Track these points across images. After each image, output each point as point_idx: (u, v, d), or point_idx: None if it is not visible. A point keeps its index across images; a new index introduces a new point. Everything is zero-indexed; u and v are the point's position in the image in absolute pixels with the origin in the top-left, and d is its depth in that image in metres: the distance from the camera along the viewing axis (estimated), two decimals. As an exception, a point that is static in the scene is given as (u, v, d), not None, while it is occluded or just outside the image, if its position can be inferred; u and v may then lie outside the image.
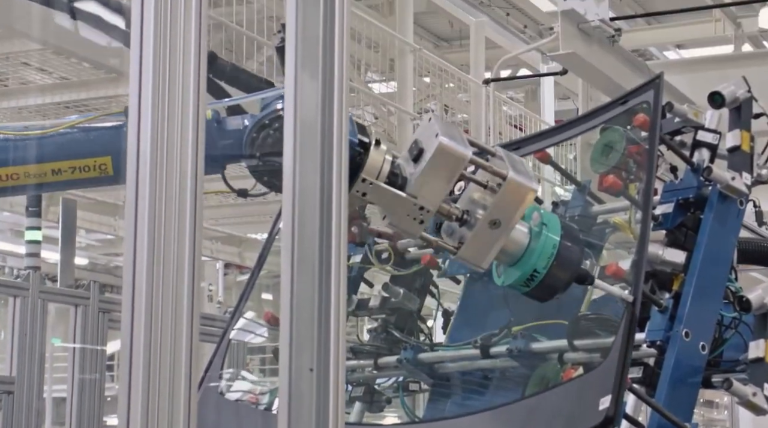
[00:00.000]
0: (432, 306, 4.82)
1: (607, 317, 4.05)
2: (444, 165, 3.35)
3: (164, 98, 2.48)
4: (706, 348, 3.86)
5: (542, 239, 3.50)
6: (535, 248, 3.50)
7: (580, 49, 7.87)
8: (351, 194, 3.34)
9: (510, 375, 4.27)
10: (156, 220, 2.44)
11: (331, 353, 2.62)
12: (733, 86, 4.14)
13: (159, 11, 2.47)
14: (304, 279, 2.64)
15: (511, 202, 3.40)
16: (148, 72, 2.47)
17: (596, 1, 7.91)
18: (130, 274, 2.44)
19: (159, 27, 2.48)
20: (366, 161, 3.38)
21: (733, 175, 4.01)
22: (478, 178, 3.46)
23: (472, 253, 3.44)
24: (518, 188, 3.39)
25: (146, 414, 2.35)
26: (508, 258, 3.52)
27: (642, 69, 8.65)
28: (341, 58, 2.70)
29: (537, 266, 3.50)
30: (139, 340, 2.41)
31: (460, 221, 3.44)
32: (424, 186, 3.37)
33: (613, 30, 8.05)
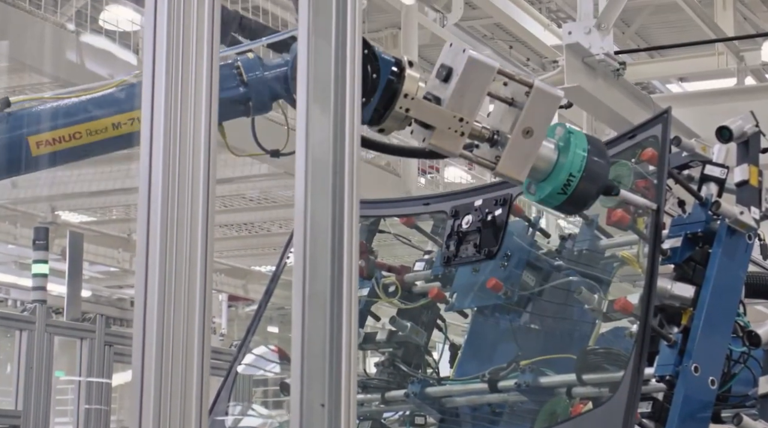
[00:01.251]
0: (437, 340, 4.82)
1: (615, 351, 4.05)
2: (476, 77, 3.50)
3: (176, 128, 2.48)
4: (716, 382, 3.85)
5: (572, 147, 3.64)
6: (567, 155, 3.64)
7: (585, 83, 7.89)
8: (395, 113, 3.55)
9: (518, 409, 4.26)
10: (167, 251, 2.44)
11: (343, 388, 2.61)
12: (741, 121, 4.15)
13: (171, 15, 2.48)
14: (316, 314, 2.63)
15: (541, 108, 3.55)
16: (160, 111, 2.47)
17: (601, 35, 7.94)
18: (141, 308, 2.43)
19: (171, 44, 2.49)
20: (405, 78, 3.58)
21: (741, 209, 4.01)
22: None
23: (509, 165, 3.55)
24: (545, 95, 3.55)
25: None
26: (541, 174, 3.65)
27: (646, 102, 8.66)
28: (353, 92, 2.70)
29: (572, 170, 3.64)
30: (150, 373, 2.40)
31: (491, 141, 3.56)
32: (461, 99, 3.50)
33: (618, 64, 8.07)
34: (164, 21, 2.49)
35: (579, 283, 4.23)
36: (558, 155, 3.65)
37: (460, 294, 4.49)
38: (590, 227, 4.37)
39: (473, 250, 4.37)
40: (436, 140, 3.54)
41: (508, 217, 4.33)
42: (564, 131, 3.71)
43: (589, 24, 7.94)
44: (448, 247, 4.45)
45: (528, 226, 4.48)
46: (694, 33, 17.11)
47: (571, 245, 4.38)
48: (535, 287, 4.36)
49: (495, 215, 4.34)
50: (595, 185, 3.69)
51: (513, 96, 3.56)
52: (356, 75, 2.73)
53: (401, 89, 3.57)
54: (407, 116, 3.56)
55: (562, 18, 18.33)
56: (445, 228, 4.67)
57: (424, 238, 4.95)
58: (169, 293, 2.43)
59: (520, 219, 4.47)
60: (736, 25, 17.14)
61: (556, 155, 3.65)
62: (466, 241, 4.40)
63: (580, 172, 3.64)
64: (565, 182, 3.64)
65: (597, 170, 3.68)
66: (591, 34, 7.91)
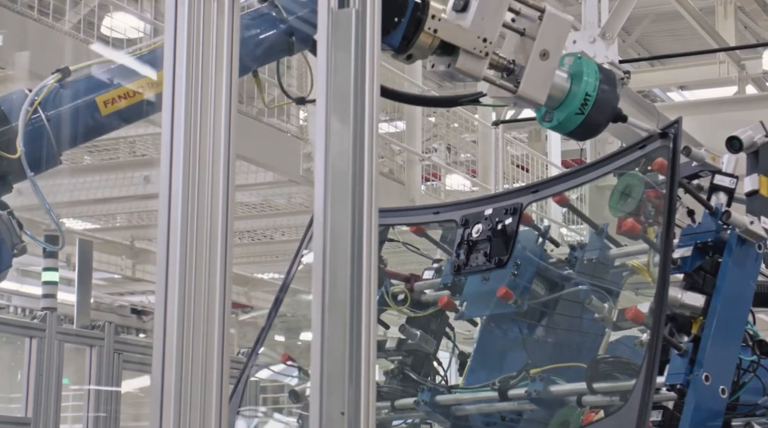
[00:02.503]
0: (444, 349, 4.84)
1: (625, 360, 4.06)
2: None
3: (196, 141, 2.50)
4: (726, 391, 3.87)
5: (585, 70, 3.87)
6: (582, 78, 3.85)
7: (590, 92, 7.90)
8: (424, 33, 3.65)
9: (528, 417, 4.28)
10: (187, 259, 2.45)
11: (362, 396, 2.63)
12: (751, 131, 4.17)
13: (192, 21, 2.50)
14: (335, 323, 2.66)
15: (554, 31, 3.75)
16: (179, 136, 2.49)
17: (606, 44, 7.96)
18: (161, 317, 2.45)
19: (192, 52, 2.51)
20: (430, 1, 3.69)
21: (751, 219, 4.04)
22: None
23: (530, 88, 3.73)
24: (557, 18, 3.77)
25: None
26: (556, 101, 3.86)
27: (651, 111, 8.68)
28: (372, 104, 2.73)
29: (588, 89, 3.85)
30: (170, 382, 2.42)
31: (508, 70, 3.74)
32: (482, 21, 3.66)
33: (623, 73, 8.08)
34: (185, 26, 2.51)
35: (589, 292, 4.25)
36: (571, 81, 3.87)
37: (470, 303, 4.51)
38: (600, 237, 4.40)
39: (483, 259, 4.39)
40: (462, 63, 3.68)
41: (519, 226, 4.35)
42: (574, 58, 3.93)
43: (594, 33, 7.97)
44: (458, 256, 4.47)
45: (538, 235, 4.50)
46: (694, 41, 17.14)
47: (581, 255, 4.40)
48: (544, 297, 4.37)
49: (505, 224, 4.36)
50: (608, 106, 3.93)
51: (525, 27, 3.75)
52: (375, 87, 2.75)
53: (428, 11, 3.66)
54: (435, 39, 3.66)
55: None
56: (454, 237, 4.69)
57: (432, 247, 4.97)
58: (189, 298, 2.45)
59: (530, 228, 4.49)
60: (737, 33, 17.17)
61: (569, 81, 3.87)
62: (477, 250, 4.42)
63: (595, 91, 3.86)
64: (582, 102, 3.87)
65: (608, 93, 3.90)
66: (596, 43, 7.93)
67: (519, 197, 4.43)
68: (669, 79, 19.04)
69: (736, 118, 9.55)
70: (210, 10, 2.51)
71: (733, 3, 16.88)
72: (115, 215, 11.60)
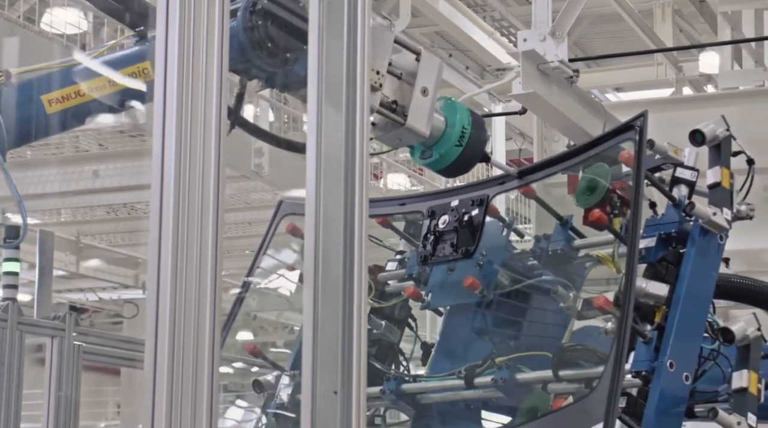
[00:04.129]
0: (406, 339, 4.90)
1: (590, 347, 4.15)
2: (380, 36, 4.09)
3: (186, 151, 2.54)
4: (690, 378, 3.98)
5: (456, 108, 4.26)
6: (455, 114, 4.23)
7: (540, 89, 8.02)
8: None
9: (493, 405, 4.35)
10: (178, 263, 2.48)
11: (354, 375, 2.69)
12: (713, 125, 4.28)
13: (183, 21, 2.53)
14: (328, 306, 2.71)
15: (431, 70, 4.14)
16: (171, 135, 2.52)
17: (555, 43, 8.07)
18: (153, 312, 2.47)
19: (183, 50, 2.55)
20: None
21: (714, 210, 4.14)
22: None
23: (416, 120, 4.10)
24: (432, 59, 4.18)
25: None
26: (434, 138, 4.20)
27: (598, 110, 8.81)
28: (363, 91, 2.79)
29: (463, 122, 4.21)
30: (162, 375, 2.44)
31: (392, 108, 4.10)
32: (372, 59, 3.92)
33: (572, 71, 8.21)
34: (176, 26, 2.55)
35: (554, 282, 4.33)
36: (446, 118, 4.22)
37: (435, 293, 4.58)
38: (565, 228, 4.48)
39: (450, 249, 4.46)
40: None
41: (485, 217, 4.43)
42: (445, 100, 4.27)
43: (544, 32, 8.08)
44: (424, 246, 4.54)
45: (503, 226, 4.57)
46: (631, 44, 17.34)
47: (546, 245, 4.48)
48: (510, 287, 4.45)
49: (472, 215, 4.44)
50: (481, 143, 4.27)
51: (401, 70, 4.12)
52: (366, 74, 2.81)
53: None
54: None
55: (505, 27, 18.53)
56: (417, 230, 4.76)
57: (396, 238, 5.03)
58: (180, 291, 2.48)
59: (496, 220, 4.56)
60: (674, 36, 17.41)
61: (444, 118, 4.22)
62: (443, 240, 4.49)
63: (470, 126, 4.21)
64: (460, 134, 4.20)
65: (480, 131, 4.27)
66: (546, 42, 8.04)
67: (485, 189, 4.50)
68: (606, 80, 19.25)
69: (676, 117, 9.70)
70: (200, 9, 2.55)
71: (670, 6, 17.11)
72: (59, 210, 11.53)
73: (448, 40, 19.18)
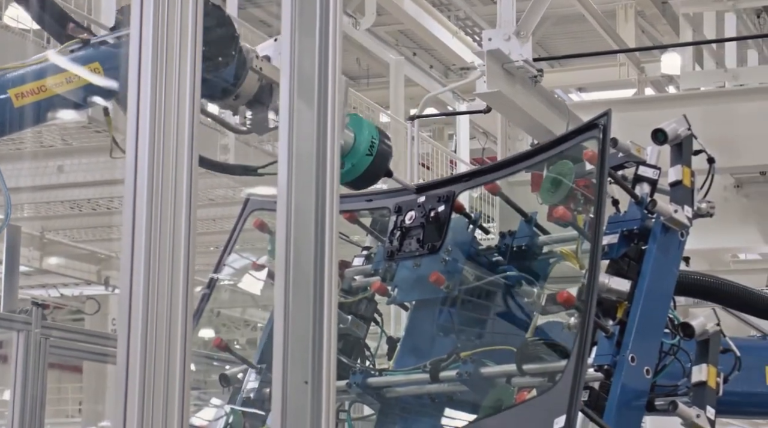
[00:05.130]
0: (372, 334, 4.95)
1: (553, 342, 4.22)
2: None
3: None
4: (651, 372, 4.06)
5: (362, 122, 4.45)
6: (362, 128, 4.41)
7: (504, 88, 8.10)
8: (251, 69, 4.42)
9: (459, 398, 4.41)
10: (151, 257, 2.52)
11: (324, 366, 2.74)
12: (675, 124, 4.36)
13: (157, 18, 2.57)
14: (299, 298, 2.76)
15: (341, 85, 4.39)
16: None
17: (520, 42, 8.16)
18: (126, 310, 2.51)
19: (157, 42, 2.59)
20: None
21: (675, 208, 4.22)
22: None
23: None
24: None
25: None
26: (344, 150, 4.36)
27: (561, 109, 8.90)
28: (334, 87, 2.84)
29: (372, 133, 4.40)
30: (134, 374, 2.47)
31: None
32: None
33: (536, 70, 8.29)
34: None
35: (518, 278, 4.40)
36: (354, 132, 4.40)
37: (402, 288, 4.63)
38: (529, 225, 4.55)
39: (417, 245, 4.52)
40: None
41: (451, 213, 4.49)
42: (350, 117, 4.49)
43: (509, 31, 8.16)
44: (391, 242, 4.59)
45: (468, 223, 4.64)
46: (594, 45, 17.48)
47: (511, 241, 4.54)
48: (475, 282, 4.51)
49: (438, 211, 4.50)
50: (387, 156, 4.44)
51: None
52: (338, 70, 2.87)
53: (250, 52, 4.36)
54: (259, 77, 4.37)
55: (469, 26, 18.63)
56: (383, 226, 4.82)
57: (362, 235, 5.09)
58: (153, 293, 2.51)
59: (461, 216, 4.62)
60: (637, 37, 17.56)
61: (352, 133, 4.40)
62: (410, 236, 4.55)
63: (378, 137, 4.39)
64: (370, 144, 4.38)
65: (386, 144, 4.45)
66: (511, 41, 8.12)
67: (451, 186, 4.56)
68: (569, 80, 19.40)
69: (638, 117, 9.81)
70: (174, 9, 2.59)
71: (633, 7, 17.26)
72: (23, 206, 11.51)
73: (412, 38, 19.27)
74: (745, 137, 9.72)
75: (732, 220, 10.45)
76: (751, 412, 5.33)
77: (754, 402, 5.05)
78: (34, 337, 5.43)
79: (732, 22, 13.71)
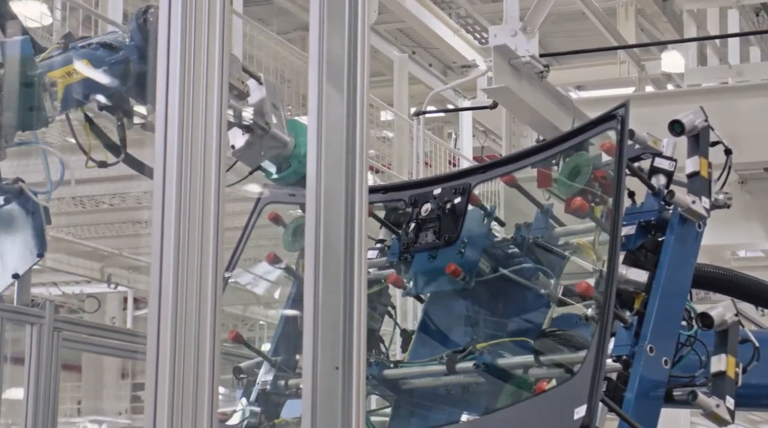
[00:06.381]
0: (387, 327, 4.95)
1: (570, 332, 4.22)
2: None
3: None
4: (669, 362, 4.06)
5: (296, 124, 4.60)
6: (299, 128, 4.56)
7: (511, 84, 8.10)
8: None
9: (476, 390, 4.41)
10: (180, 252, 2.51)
11: (354, 351, 2.75)
12: (692, 115, 4.36)
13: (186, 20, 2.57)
14: (330, 283, 2.76)
15: (272, 91, 4.59)
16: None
17: (526, 38, 8.15)
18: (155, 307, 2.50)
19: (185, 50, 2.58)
20: None
21: (693, 199, 4.23)
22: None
23: (276, 127, 4.57)
24: (270, 81, 4.63)
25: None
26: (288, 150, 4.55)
27: (567, 105, 8.90)
28: (363, 72, 2.84)
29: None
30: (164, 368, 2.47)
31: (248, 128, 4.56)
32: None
33: (542, 66, 8.29)
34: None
35: (534, 269, 4.40)
36: (293, 136, 4.57)
37: (417, 280, 4.63)
38: (545, 216, 4.55)
39: (433, 237, 4.52)
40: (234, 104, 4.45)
41: (467, 205, 4.49)
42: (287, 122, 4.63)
43: (515, 27, 8.15)
44: (407, 234, 4.59)
45: (484, 215, 4.64)
46: (593, 43, 17.42)
47: (527, 233, 4.54)
48: (491, 274, 4.51)
49: (454, 203, 4.50)
50: None
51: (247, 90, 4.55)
52: (366, 55, 2.87)
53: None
54: None
55: (470, 24, 18.62)
56: (397, 219, 4.82)
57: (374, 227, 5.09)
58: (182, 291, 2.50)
59: (477, 208, 4.62)
60: (637, 36, 17.56)
61: (292, 136, 4.57)
62: (426, 228, 4.55)
63: None
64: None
65: None
66: (517, 37, 8.12)
67: (467, 178, 4.57)
68: (569, 78, 19.37)
69: (641, 113, 9.81)
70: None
71: (633, 5, 17.25)
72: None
73: (411, 37, 19.26)
74: (749, 133, 9.71)
75: (735, 216, 10.44)
76: (766, 404, 5.34)
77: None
78: (47, 330, 5.43)
79: (735, 19, 13.73)
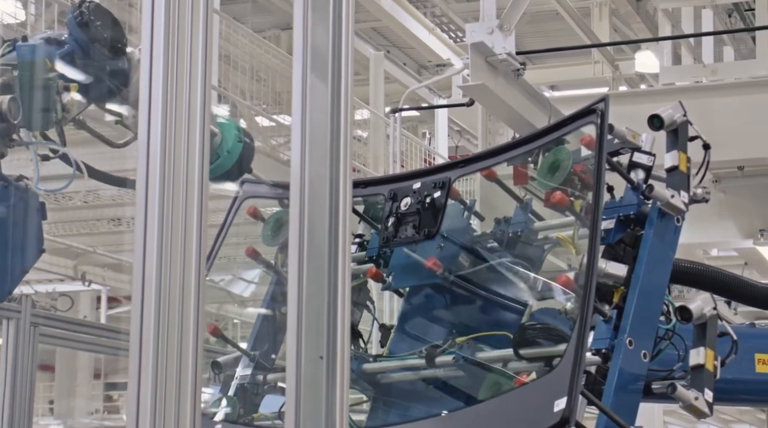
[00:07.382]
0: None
1: (550, 326, 4.23)
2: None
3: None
4: (648, 356, 4.08)
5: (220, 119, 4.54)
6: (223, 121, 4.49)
7: (488, 81, 8.11)
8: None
9: (456, 383, 4.41)
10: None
11: (338, 341, 2.74)
12: (671, 110, 4.38)
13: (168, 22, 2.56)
14: (314, 273, 2.76)
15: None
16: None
17: (503, 36, 8.17)
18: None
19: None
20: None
21: (672, 193, 4.25)
22: None
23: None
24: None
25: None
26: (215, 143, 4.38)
27: (543, 103, 8.93)
28: (347, 61, 2.84)
29: (233, 124, 4.47)
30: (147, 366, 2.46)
31: None
32: None
33: (519, 64, 8.31)
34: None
35: (514, 263, 4.41)
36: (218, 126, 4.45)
37: (397, 274, 4.63)
38: (524, 210, 4.56)
39: (413, 231, 4.52)
40: None
41: (447, 199, 4.49)
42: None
43: (492, 25, 8.17)
44: (386, 228, 4.59)
45: (463, 209, 4.64)
46: (567, 43, 17.47)
47: (506, 227, 4.55)
48: (471, 268, 4.51)
49: (434, 198, 4.50)
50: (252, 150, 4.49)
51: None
52: (350, 45, 2.87)
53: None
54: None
55: (445, 23, 18.64)
56: (376, 213, 4.82)
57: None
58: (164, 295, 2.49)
59: (456, 202, 4.63)
60: (611, 36, 17.62)
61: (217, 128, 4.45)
62: (406, 222, 4.55)
63: (240, 129, 4.45)
64: (237, 131, 4.42)
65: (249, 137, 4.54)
66: (494, 34, 8.13)
67: (447, 172, 4.57)
68: (543, 78, 19.41)
69: (616, 111, 9.85)
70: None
71: (608, 5, 17.32)
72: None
73: (386, 36, 19.27)
74: (723, 131, 9.73)
75: (709, 215, 10.49)
76: (741, 399, 5.38)
77: (744, 389, 5.08)
78: (24, 325, 5.41)
79: (709, 19, 13.79)
